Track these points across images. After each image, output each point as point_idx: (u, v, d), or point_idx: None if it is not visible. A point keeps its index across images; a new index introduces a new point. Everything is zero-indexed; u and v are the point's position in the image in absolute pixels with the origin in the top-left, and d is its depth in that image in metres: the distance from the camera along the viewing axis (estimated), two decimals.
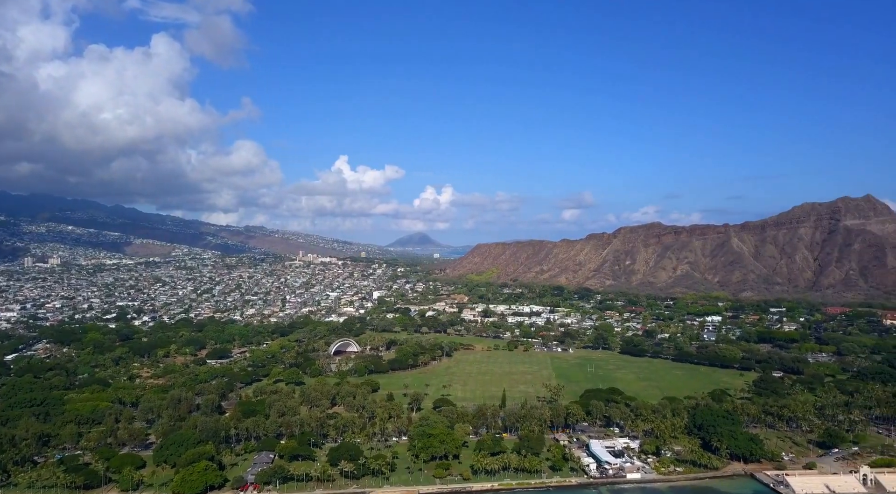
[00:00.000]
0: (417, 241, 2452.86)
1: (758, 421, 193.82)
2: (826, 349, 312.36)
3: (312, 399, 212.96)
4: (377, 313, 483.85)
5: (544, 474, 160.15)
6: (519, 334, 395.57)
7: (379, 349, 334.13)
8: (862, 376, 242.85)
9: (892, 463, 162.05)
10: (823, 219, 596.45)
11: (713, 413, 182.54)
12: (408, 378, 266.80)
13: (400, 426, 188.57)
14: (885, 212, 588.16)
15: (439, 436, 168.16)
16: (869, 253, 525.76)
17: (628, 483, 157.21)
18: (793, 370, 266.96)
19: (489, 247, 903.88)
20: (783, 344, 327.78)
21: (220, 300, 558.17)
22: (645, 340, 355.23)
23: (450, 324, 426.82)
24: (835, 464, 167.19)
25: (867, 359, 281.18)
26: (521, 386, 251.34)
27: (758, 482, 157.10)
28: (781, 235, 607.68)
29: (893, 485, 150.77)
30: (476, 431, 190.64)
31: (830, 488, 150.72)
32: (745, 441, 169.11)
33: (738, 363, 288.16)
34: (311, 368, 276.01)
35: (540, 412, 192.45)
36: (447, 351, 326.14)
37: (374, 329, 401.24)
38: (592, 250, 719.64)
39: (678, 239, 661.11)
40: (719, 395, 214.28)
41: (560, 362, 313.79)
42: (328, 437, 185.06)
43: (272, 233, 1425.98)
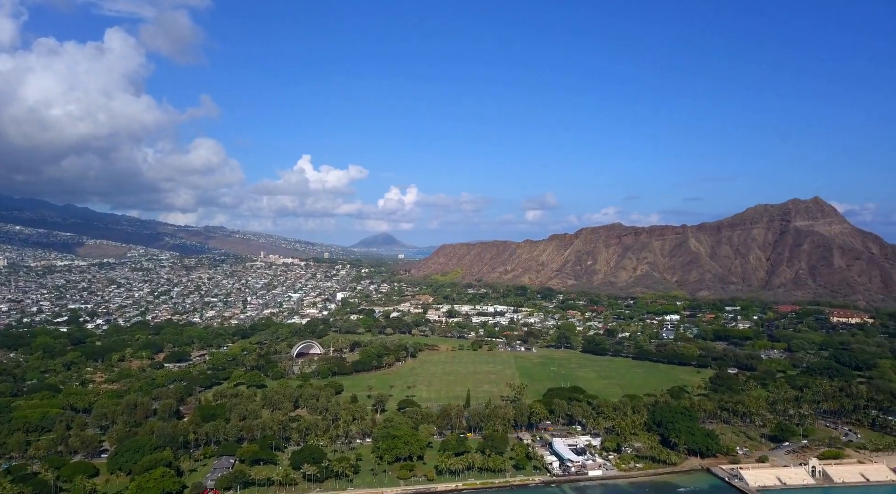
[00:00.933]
0: (382, 241, 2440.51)
1: (714, 417, 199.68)
2: (778, 346, 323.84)
3: (274, 402, 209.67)
4: (341, 314, 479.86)
5: (508, 473, 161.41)
6: (483, 334, 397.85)
7: (343, 351, 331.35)
8: (811, 371, 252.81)
9: (838, 456, 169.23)
10: (775, 220, 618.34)
11: (671, 410, 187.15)
12: (372, 380, 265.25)
13: (364, 428, 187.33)
14: (831, 214, 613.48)
15: (403, 437, 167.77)
16: (817, 253, 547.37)
17: (590, 480, 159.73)
18: (747, 366, 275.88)
19: (454, 247, 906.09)
20: (738, 342, 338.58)
21: (179, 302, 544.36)
22: (606, 339, 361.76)
23: (414, 325, 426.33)
24: (786, 457, 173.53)
25: (815, 355, 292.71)
26: (485, 386, 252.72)
27: (714, 476, 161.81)
28: (736, 235, 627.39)
29: (840, 476, 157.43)
30: (440, 431, 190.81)
31: (782, 480, 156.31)
32: (701, 436, 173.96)
33: (696, 361, 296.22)
34: (273, 370, 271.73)
35: (504, 412, 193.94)
36: (412, 352, 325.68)
37: (337, 331, 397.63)
38: (555, 251, 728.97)
39: (638, 240, 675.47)
40: (677, 392, 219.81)
41: (524, 361, 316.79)
42: (291, 440, 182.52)
43: (233, 233, 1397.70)
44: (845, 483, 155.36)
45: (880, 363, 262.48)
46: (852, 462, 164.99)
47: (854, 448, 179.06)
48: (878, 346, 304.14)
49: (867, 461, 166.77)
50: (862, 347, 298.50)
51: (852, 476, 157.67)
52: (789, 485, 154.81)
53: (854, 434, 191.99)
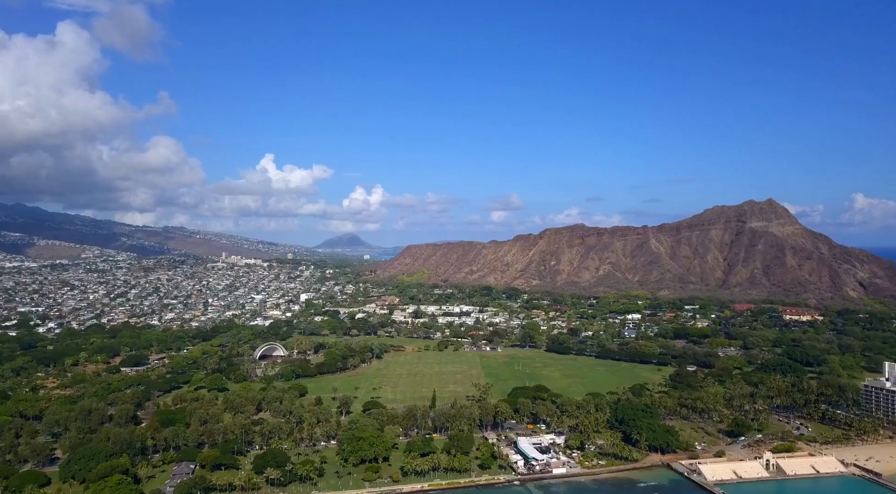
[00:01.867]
0: (347, 242, 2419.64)
1: (674, 413, 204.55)
2: (734, 344, 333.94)
3: (236, 406, 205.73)
4: (305, 315, 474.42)
5: (473, 473, 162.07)
6: (449, 334, 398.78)
7: (307, 353, 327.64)
8: (765, 368, 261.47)
9: (790, 449, 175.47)
10: (732, 221, 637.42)
11: (633, 407, 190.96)
12: (337, 382, 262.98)
13: (329, 431, 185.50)
14: (784, 215, 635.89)
15: (369, 439, 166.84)
16: (771, 253, 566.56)
17: (554, 478, 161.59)
18: (705, 364, 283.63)
19: (420, 248, 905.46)
20: (697, 340, 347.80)
21: (136, 305, 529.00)
22: (570, 338, 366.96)
23: (380, 326, 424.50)
24: (741, 451, 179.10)
25: (769, 352, 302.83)
26: (451, 386, 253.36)
27: (674, 471, 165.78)
28: (695, 236, 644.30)
29: (792, 469, 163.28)
30: (406, 432, 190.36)
31: (738, 474, 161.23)
32: (662, 432, 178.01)
33: (656, 359, 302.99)
34: (235, 373, 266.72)
35: (469, 412, 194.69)
36: (377, 353, 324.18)
37: (301, 333, 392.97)
38: (520, 251, 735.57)
39: (600, 240, 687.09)
40: (639, 390, 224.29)
41: (489, 360, 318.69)
42: (253, 444, 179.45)
43: (193, 234, 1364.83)
44: (797, 476, 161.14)
45: (829, 358, 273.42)
46: (803, 455, 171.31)
47: (805, 441, 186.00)
48: (828, 342, 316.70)
49: (817, 453, 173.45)
50: (812, 343, 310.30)
51: (803, 468, 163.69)
52: (745, 478, 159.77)
53: (805, 427, 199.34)
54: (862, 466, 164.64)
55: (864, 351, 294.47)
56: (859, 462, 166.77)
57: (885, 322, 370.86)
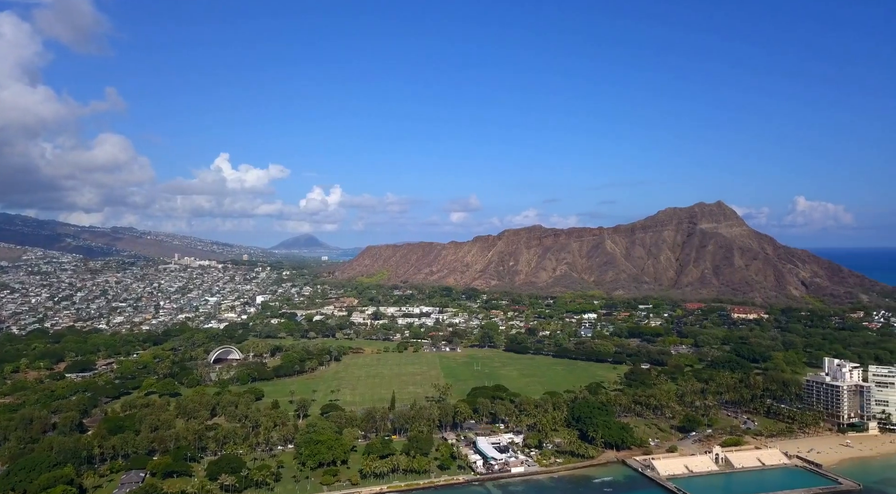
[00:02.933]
0: (304, 243, 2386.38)
1: (629, 411, 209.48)
2: (686, 342, 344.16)
3: (189, 411, 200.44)
4: (261, 318, 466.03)
5: (433, 473, 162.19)
6: (409, 335, 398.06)
7: (263, 356, 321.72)
8: (714, 365, 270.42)
9: (738, 443, 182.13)
10: (683, 223, 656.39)
11: (590, 406, 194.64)
12: (294, 385, 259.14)
13: (286, 434, 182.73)
14: (733, 217, 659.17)
15: (327, 442, 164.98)
16: (720, 254, 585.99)
17: (513, 477, 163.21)
18: (658, 361, 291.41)
19: (379, 249, 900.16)
20: (650, 338, 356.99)
21: (83, 308, 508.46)
22: (528, 337, 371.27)
23: (339, 328, 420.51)
24: (693, 446, 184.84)
25: (719, 349, 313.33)
26: (410, 387, 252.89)
27: (628, 467, 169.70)
28: (648, 237, 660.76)
29: (739, 462, 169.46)
30: (365, 435, 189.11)
31: (689, 468, 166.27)
32: (617, 430, 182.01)
33: (612, 357, 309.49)
34: (188, 378, 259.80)
35: (429, 413, 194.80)
36: (336, 356, 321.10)
37: (257, 335, 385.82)
38: (479, 252, 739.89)
39: (557, 241, 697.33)
40: (595, 388, 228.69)
41: (448, 361, 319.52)
42: (207, 450, 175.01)
43: (143, 235, 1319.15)
44: (744, 468, 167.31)
45: (774, 355, 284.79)
46: (750, 448, 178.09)
47: (752, 434, 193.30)
48: (772, 339, 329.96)
49: (763, 446, 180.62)
50: (758, 341, 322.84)
51: (750, 461, 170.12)
52: (696, 472, 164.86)
53: (752, 421, 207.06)
54: (804, 458, 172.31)
55: (805, 348, 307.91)
56: (801, 454, 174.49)
57: (824, 320, 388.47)
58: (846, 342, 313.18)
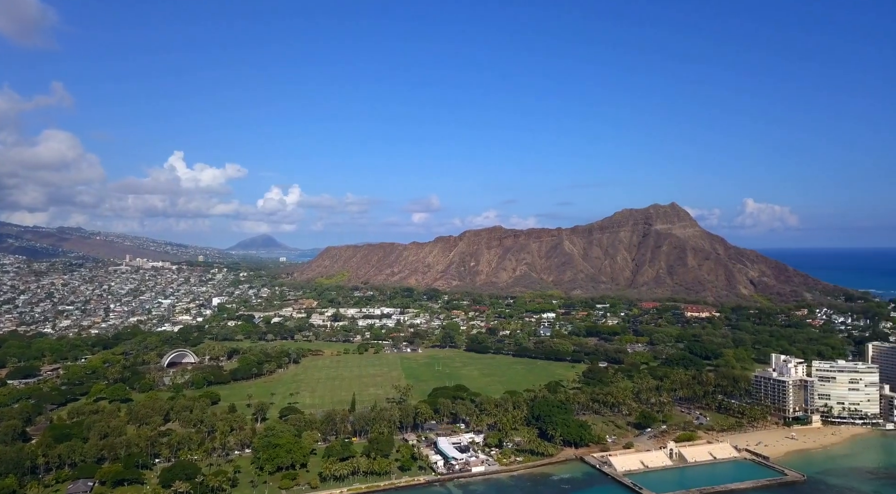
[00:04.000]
0: (262, 244, 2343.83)
1: (587, 408, 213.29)
2: (641, 340, 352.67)
3: (141, 417, 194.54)
4: (217, 320, 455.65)
5: (394, 475, 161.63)
6: (369, 336, 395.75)
7: (220, 359, 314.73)
8: (669, 362, 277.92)
9: (691, 438, 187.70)
10: (639, 224, 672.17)
11: (549, 404, 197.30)
12: (252, 388, 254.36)
13: (243, 439, 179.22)
14: (686, 218, 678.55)
15: (286, 446, 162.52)
16: (674, 254, 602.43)
17: (473, 476, 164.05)
18: (615, 360, 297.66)
19: (339, 250, 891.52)
20: (607, 337, 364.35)
21: (26, 312, 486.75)
22: (488, 337, 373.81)
23: (297, 330, 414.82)
24: (648, 442, 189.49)
25: (673, 347, 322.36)
26: (371, 389, 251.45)
27: (587, 464, 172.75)
28: (605, 237, 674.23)
29: (692, 457, 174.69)
30: (325, 437, 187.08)
31: (645, 463, 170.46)
32: (576, 427, 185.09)
33: (570, 356, 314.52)
34: (140, 383, 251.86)
35: (389, 414, 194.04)
36: (294, 358, 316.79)
37: (213, 338, 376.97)
38: (440, 253, 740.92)
39: (517, 242, 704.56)
40: (554, 386, 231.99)
41: (409, 362, 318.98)
42: (160, 457, 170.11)
43: (92, 235, 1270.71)
44: (697, 462, 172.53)
45: (725, 352, 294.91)
46: (703, 443, 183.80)
47: (704, 429, 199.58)
48: (723, 337, 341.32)
49: (714, 441, 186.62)
50: (710, 338, 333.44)
51: (702, 455, 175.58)
52: (651, 467, 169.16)
53: (704, 417, 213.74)
54: (752, 451, 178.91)
55: (754, 344, 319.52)
56: (750, 448, 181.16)
57: (771, 317, 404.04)
58: (791, 338, 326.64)
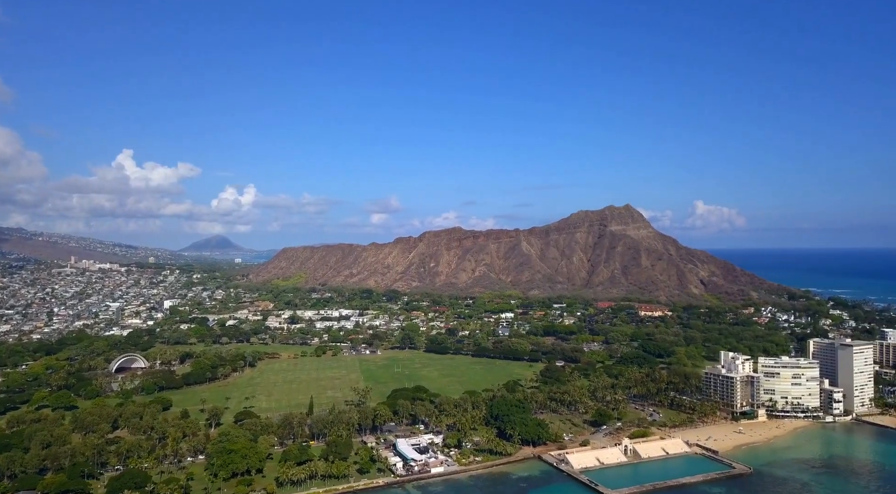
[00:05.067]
0: (216, 245, 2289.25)
1: (544, 407, 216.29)
2: (597, 339, 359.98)
3: (87, 425, 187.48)
4: (169, 323, 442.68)
5: (352, 478, 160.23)
6: (327, 339, 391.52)
7: (172, 364, 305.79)
8: (624, 360, 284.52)
9: (645, 434, 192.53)
10: (594, 225, 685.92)
11: (507, 403, 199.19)
12: (206, 393, 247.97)
13: (196, 445, 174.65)
14: (640, 219, 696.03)
15: (241, 451, 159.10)
16: (628, 255, 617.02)
17: (433, 477, 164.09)
18: (572, 359, 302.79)
19: (296, 251, 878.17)
20: (564, 336, 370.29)
21: None
22: (448, 338, 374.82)
23: (253, 332, 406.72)
24: (604, 439, 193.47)
25: (627, 346, 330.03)
26: (329, 392, 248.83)
27: (544, 462, 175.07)
28: (562, 239, 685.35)
29: (646, 452, 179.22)
30: (282, 441, 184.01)
31: (600, 460, 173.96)
32: (534, 426, 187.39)
33: (528, 356, 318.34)
34: (86, 389, 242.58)
35: (348, 417, 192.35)
36: (250, 361, 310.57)
37: (165, 342, 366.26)
38: (400, 254, 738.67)
39: (476, 243, 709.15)
40: (512, 386, 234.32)
41: (369, 364, 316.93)
42: (108, 466, 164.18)
43: (34, 236, 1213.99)
44: (650, 458, 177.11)
45: (677, 350, 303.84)
46: (656, 439, 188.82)
47: (657, 425, 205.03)
48: (675, 335, 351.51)
49: (667, 436, 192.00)
50: (663, 337, 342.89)
51: (655, 451, 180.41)
52: (606, 464, 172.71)
53: (657, 413, 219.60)
54: (702, 445, 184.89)
55: (704, 342, 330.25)
56: (700, 442, 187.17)
57: (720, 316, 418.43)
58: (739, 336, 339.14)
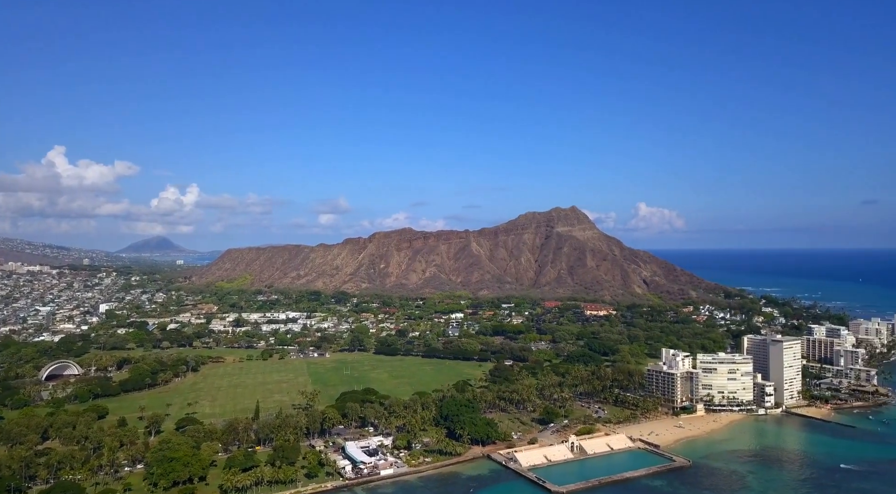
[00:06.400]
0: (156, 246, 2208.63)
1: (493, 406, 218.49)
2: (545, 338, 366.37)
3: (14, 436, 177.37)
4: (106, 328, 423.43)
5: (300, 483, 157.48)
6: (274, 342, 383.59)
7: (108, 370, 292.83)
8: (570, 359, 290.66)
9: (591, 431, 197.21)
10: (542, 226, 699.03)
11: (457, 404, 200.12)
12: (145, 400, 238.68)
13: (135, 454, 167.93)
14: (585, 221, 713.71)
15: (182, 459, 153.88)
16: (574, 255, 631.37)
17: (382, 479, 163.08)
18: (520, 358, 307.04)
19: (242, 252, 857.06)
20: (513, 336, 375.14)
21: None
22: (398, 339, 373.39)
23: (196, 336, 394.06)
24: (551, 437, 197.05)
25: (574, 344, 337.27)
26: (276, 395, 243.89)
27: (494, 461, 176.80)
28: (510, 239, 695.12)
29: (591, 449, 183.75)
30: (227, 448, 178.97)
31: (548, 458, 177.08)
32: (483, 426, 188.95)
33: (478, 355, 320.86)
34: (13, 399, 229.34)
35: (296, 420, 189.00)
36: (193, 366, 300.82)
37: (101, 348, 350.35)
38: (349, 255, 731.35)
39: (427, 243, 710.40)
40: (462, 386, 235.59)
41: (317, 367, 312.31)
42: (37, 479, 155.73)
43: None
44: (596, 454, 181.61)
45: (621, 348, 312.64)
46: (601, 435, 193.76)
47: (602, 422, 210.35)
48: (619, 334, 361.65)
49: (611, 433, 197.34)
50: (608, 335, 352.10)
51: (601, 447, 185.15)
52: (554, 461, 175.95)
53: (602, 410, 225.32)
54: (645, 440, 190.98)
55: (647, 340, 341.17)
56: (643, 437, 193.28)
57: (662, 314, 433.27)
58: (679, 333, 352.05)
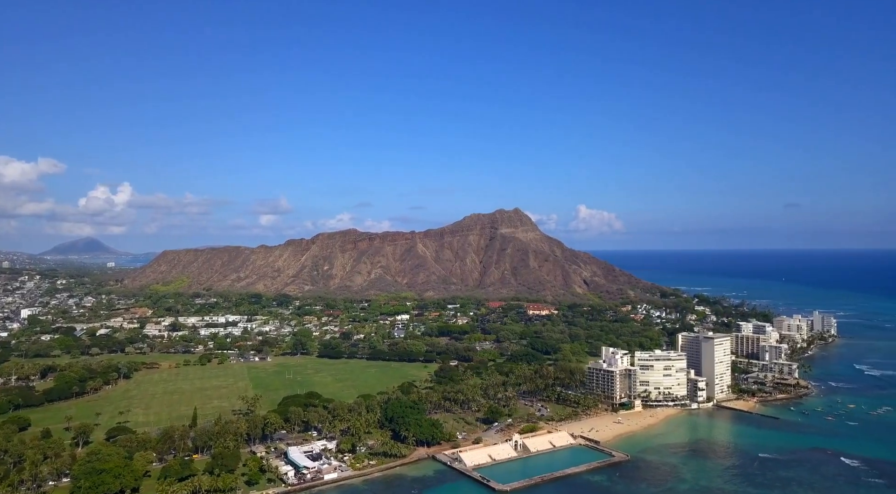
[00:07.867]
0: (84, 248, 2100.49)
1: (439, 407, 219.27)
2: (489, 338, 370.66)
3: None
4: (28, 335, 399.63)
5: (240, 490, 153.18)
6: (213, 346, 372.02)
7: (30, 379, 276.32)
8: (514, 358, 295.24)
9: (534, 429, 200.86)
10: (486, 228, 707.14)
11: (402, 405, 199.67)
12: (72, 409, 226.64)
13: (60, 467, 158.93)
14: (528, 223, 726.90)
15: (113, 470, 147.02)
16: (517, 256, 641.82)
17: (326, 484, 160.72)
18: (465, 358, 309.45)
19: (178, 254, 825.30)
20: (458, 336, 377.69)
21: None
22: (342, 342, 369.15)
23: (129, 342, 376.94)
24: (496, 436, 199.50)
25: (517, 344, 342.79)
26: (215, 401, 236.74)
27: (439, 462, 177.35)
28: (456, 241, 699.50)
29: (535, 447, 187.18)
30: (162, 457, 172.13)
31: (492, 457, 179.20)
32: (428, 427, 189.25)
33: (423, 356, 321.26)
34: None
35: (235, 427, 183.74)
36: (125, 373, 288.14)
37: (22, 355, 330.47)
38: (291, 256, 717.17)
39: (372, 245, 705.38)
40: (407, 387, 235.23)
41: (258, 371, 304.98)
42: None
43: None
44: (539, 452, 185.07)
45: (563, 347, 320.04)
46: (543, 433, 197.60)
47: (545, 420, 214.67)
48: (561, 333, 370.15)
49: (554, 430, 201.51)
50: (550, 334, 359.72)
51: (543, 444, 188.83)
52: (498, 460, 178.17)
53: (545, 408, 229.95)
54: (586, 437, 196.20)
55: (587, 339, 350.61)
56: (584, 434, 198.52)
57: (602, 314, 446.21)
58: (618, 332, 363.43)
